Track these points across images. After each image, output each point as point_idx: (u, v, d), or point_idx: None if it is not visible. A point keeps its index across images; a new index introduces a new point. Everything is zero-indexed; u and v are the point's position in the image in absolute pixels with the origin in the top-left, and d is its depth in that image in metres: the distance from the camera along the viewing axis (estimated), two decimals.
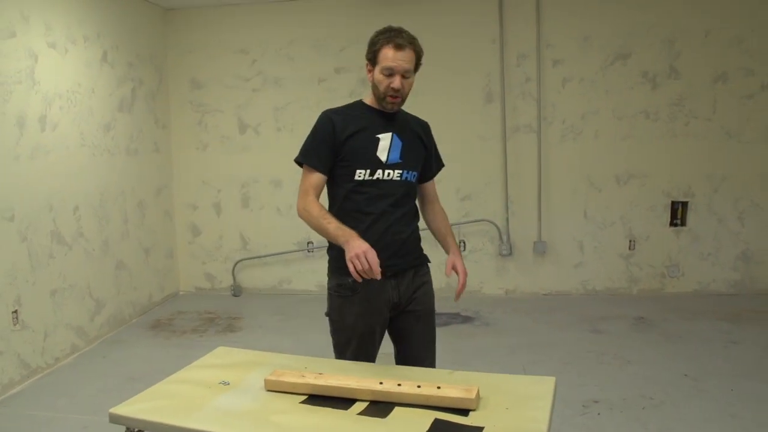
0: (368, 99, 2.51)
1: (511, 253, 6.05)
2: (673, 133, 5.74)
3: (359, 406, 2.00)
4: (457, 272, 2.60)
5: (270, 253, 6.37)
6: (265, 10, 6.10)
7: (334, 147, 2.43)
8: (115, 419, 2.04)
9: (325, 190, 2.52)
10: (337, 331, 2.54)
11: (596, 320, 5.21)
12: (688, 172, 5.78)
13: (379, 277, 2.14)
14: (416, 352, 2.57)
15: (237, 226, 6.44)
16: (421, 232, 2.64)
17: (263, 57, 6.18)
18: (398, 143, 2.47)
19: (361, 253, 2.13)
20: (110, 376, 4.26)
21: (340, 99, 2.54)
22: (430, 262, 2.67)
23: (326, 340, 2.59)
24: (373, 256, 2.14)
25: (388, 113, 2.48)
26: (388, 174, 2.44)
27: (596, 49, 5.73)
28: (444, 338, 4.93)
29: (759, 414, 3.44)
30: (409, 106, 2.61)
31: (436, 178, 2.76)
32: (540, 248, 5.99)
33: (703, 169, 5.76)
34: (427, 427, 1.83)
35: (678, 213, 5.85)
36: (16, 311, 4.14)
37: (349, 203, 2.45)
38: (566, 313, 5.45)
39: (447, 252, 2.68)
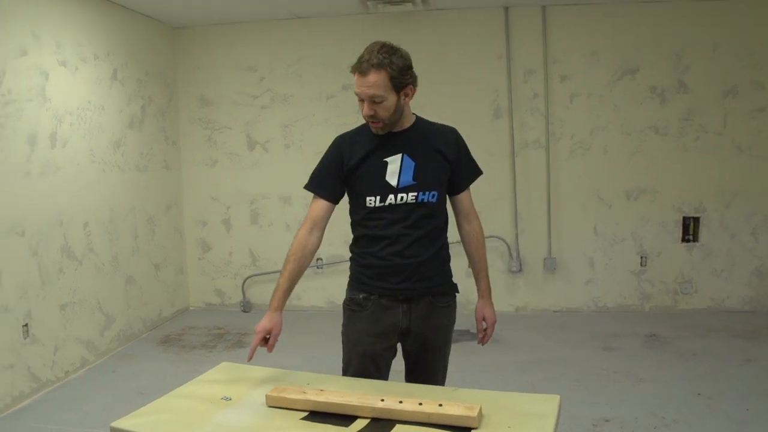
0: None
1: (521, 270, 6.01)
2: (684, 147, 5.71)
3: (360, 424, 1.98)
4: (485, 321, 2.57)
5: (279, 270, 6.34)
6: (273, 28, 6.15)
7: (341, 175, 2.39)
8: None
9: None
10: (343, 346, 2.53)
11: (608, 337, 5.16)
12: (699, 187, 5.74)
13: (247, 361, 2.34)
14: (420, 380, 2.47)
15: (246, 243, 6.45)
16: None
17: (271, 74, 6.22)
18: (410, 164, 2.36)
19: (256, 332, 2.34)
20: (119, 391, 4.26)
21: (348, 116, 2.52)
22: (458, 292, 2.56)
23: (334, 357, 2.58)
24: (256, 340, 2.33)
25: (398, 133, 2.38)
26: (401, 198, 2.35)
27: (604, 64, 5.72)
28: (453, 355, 4.92)
29: None
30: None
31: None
32: (550, 265, 5.96)
33: (715, 183, 5.71)
34: None
35: (690, 228, 5.79)
36: (26, 325, 4.16)
37: (364, 228, 2.44)
38: (577, 330, 5.40)
39: (478, 291, 2.59)
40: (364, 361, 2.44)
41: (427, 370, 2.51)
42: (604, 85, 5.77)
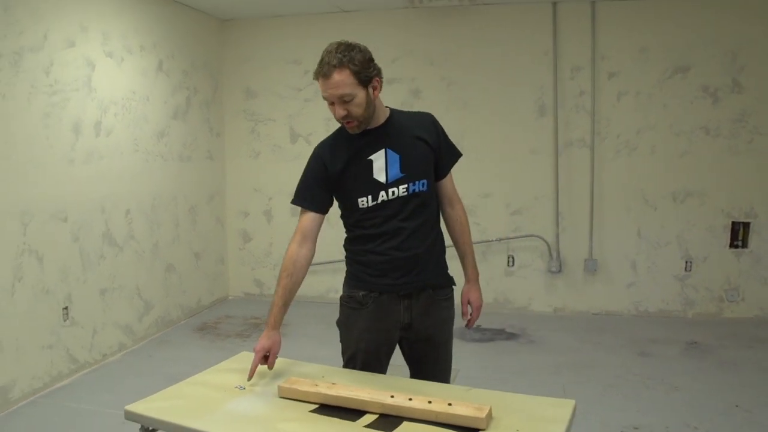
0: None
1: (560, 270, 5.91)
2: (735, 150, 5.50)
3: (368, 419, 1.97)
4: (471, 305, 2.56)
5: (318, 262, 6.38)
6: (319, 21, 6.17)
7: (327, 184, 2.37)
8: (130, 416, 2.09)
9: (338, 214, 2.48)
10: (342, 342, 2.52)
11: (646, 343, 5.03)
12: (750, 192, 5.52)
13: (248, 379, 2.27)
14: (427, 379, 2.42)
15: (287, 234, 6.39)
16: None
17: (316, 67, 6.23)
18: (395, 157, 2.33)
19: (254, 351, 2.30)
20: (153, 375, 4.35)
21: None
22: (455, 285, 2.53)
23: None
24: (256, 360, 2.29)
25: (375, 129, 2.33)
26: (393, 192, 2.32)
27: (654, 62, 5.56)
28: (486, 354, 4.91)
29: None
30: (459, 118, 2.49)
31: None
32: (591, 266, 5.83)
33: None
34: None
35: (739, 234, 5.59)
36: (66, 308, 4.29)
37: (359, 228, 2.41)
38: (615, 334, 5.28)
39: (465, 275, 2.59)
40: (366, 357, 2.43)
41: (434, 365, 2.50)
42: (653, 84, 5.60)
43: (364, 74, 2.20)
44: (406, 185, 2.33)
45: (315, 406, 2.07)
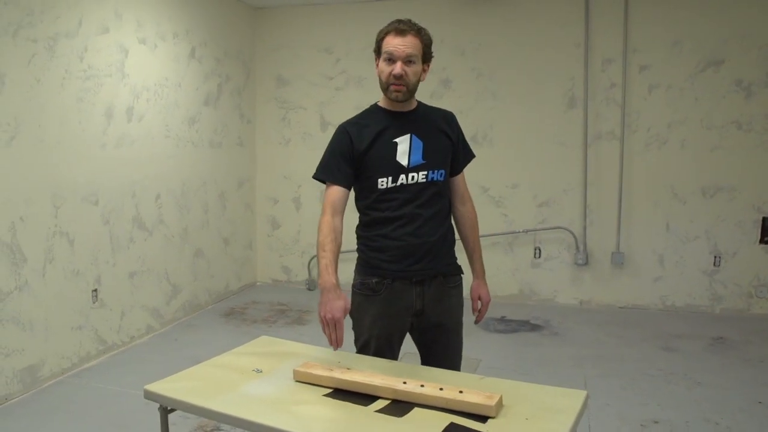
0: (383, 101, 2.46)
1: (587, 263, 5.88)
2: None
3: (380, 404, 2.00)
4: (480, 300, 2.61)
5: (345, 250, 6.43)
6: (350, 10, 6.20)
7: (353, 160, 2.40)
8: (149, 396, 2.15)
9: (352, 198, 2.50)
10: (355, 330, 2.55)
11: (671, 338, 4.98)
12: None
13: (336, 348, 2.25)
14: (437, 364, 2.45)
15: (315, 222, 6.40)
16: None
17: (347, 56, 6.28)
18: (418, 144, 2.40)
19: (331, 319, 2.22)
20: (179, 358, 4.43)
21: (421, 99, 2.50)
22: (463, 273, 2.58)
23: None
24: (341, 326, 2.23)
25: (405, 113, 2.42)
26: (413, 177, 2.38)
27: (686, 55, 5.47)
28: (509, 345, 4.92)
29: None
30: (488, 109, 2.56)
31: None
32: (618, 259, 5.79)
33: None
34: (440, 431, 1.82)
35: None
36: (96, 290, 4.40)
37: (375, 211, 2.43)
38: (641, 328, 5.24)
39: (473, 272, 2.64)
40: (379, 343, 2.47)
41: (444, 351, 2.53)
42: (685, 77, 5.51)
43: (428, 51, 2.37)
44: (426, 172, 2.39)
45: (329, 391, 2.10)
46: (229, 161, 6.11)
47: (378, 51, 2.38)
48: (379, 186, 2.39)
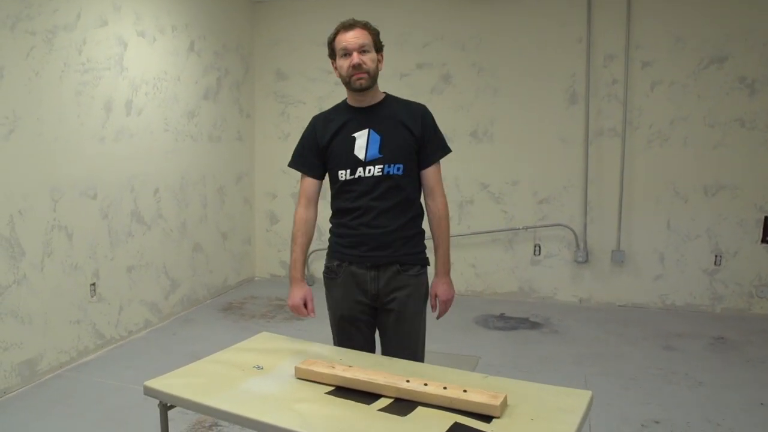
0: (349, 97, 2.57)
1: (587, 261, 5.85)
2: None
3: (383, 402, 1.98)
4: (438, 297, 2.65)
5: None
6: (349, 4, 6.11)
7: (318, 152, 2.56)
8: (148, 392, 2.12)
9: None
10: (328, 312, 2.68)
11: (672, 337, 4.96)
12: None
13: (312, 316, 2.60)
14: (388, 350, 2.58)
15: None
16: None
17: None
18: (376, 138, 2.48)
19: (292, 306, 2.56)
20: (177, 353, 4.42)
21: (422, 95, 2.54)
22: (428, 264, 2.64)
23: None
24: (301, 310, 2.55)
25: (367, 108, 2.51)
26: (369, 171, 2.48)
27: (689, 52, 5.44)
28: (509, 343, 4.89)
29: None
30: (489, 105, 2.56)
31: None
32: (618, 257, 5.77)
33: None
34: (444, 430, 1.79)
35: None
36: (94, 284, 4.37)
37: (338, 201, 2.58)
38: (641, 327, 5.22)
39: (434, 268, 2.68)
40: (342, 324, 2.62)
41: (400, 338, 2.58)
42: (688, 74, 5.49)
43: (378, 41, 2.51)
44: (381, 166, 2.49)
45: (331, 388, 2.08)
46: (227, 155, 6.07)
47: (332, 52, 2.49)
48: (340, 177, 2.52)
